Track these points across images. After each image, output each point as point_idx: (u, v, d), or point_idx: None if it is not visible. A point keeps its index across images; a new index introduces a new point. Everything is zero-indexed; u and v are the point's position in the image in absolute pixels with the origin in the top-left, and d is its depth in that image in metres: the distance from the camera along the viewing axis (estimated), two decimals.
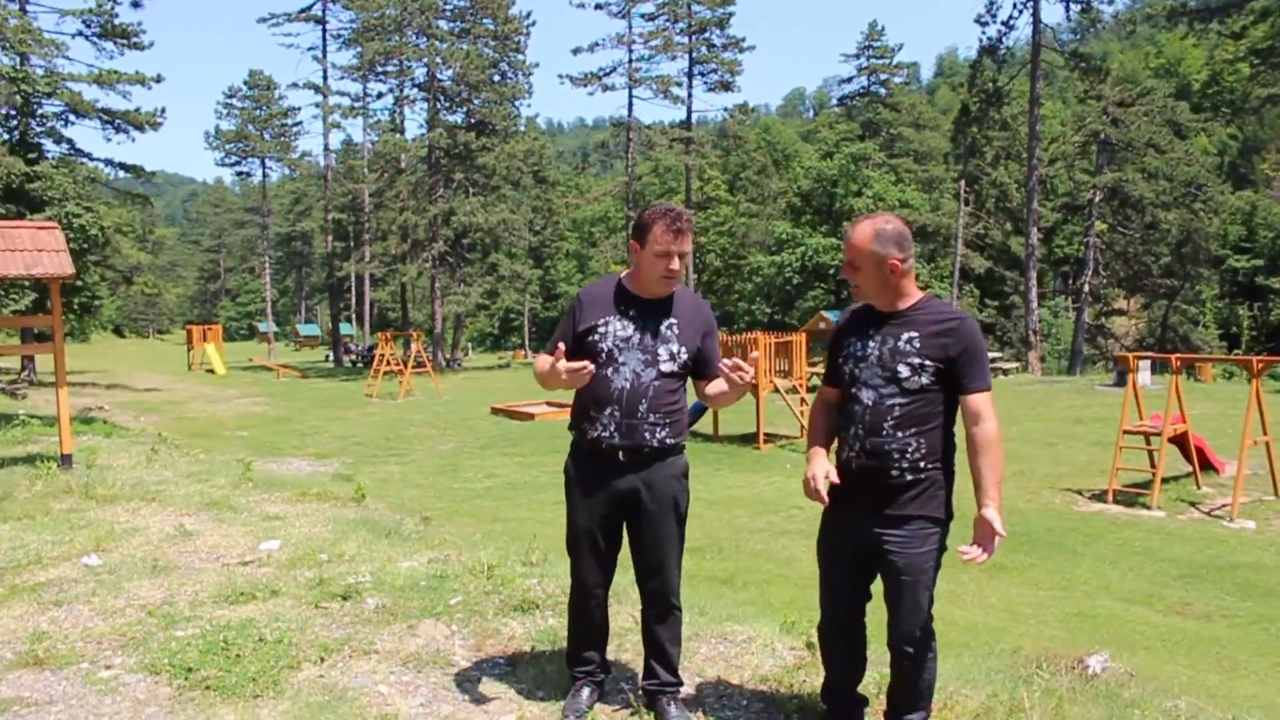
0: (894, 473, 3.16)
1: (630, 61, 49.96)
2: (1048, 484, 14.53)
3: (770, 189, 67.65)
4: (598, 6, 49.46)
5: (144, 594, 5.24)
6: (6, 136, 29.82)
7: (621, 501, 3.48)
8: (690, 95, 51.15)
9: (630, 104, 50.30)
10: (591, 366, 3.33)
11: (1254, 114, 47.11)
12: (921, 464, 3.16)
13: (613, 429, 3.40)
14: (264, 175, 65.26)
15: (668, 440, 3.47)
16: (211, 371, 43.26)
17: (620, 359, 3.41)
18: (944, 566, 3.28)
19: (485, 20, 45.53)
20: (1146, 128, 43.48)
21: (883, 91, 64.68)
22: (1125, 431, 13.59)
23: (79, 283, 30.40)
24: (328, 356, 57.83)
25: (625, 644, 4.36)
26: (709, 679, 4.00)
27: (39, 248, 8.45)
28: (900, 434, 3.15)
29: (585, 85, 49.93)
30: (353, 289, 68.67)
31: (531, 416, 23.09)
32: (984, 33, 39.91)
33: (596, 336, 3.43)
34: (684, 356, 3.48)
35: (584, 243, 75.31)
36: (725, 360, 3.38)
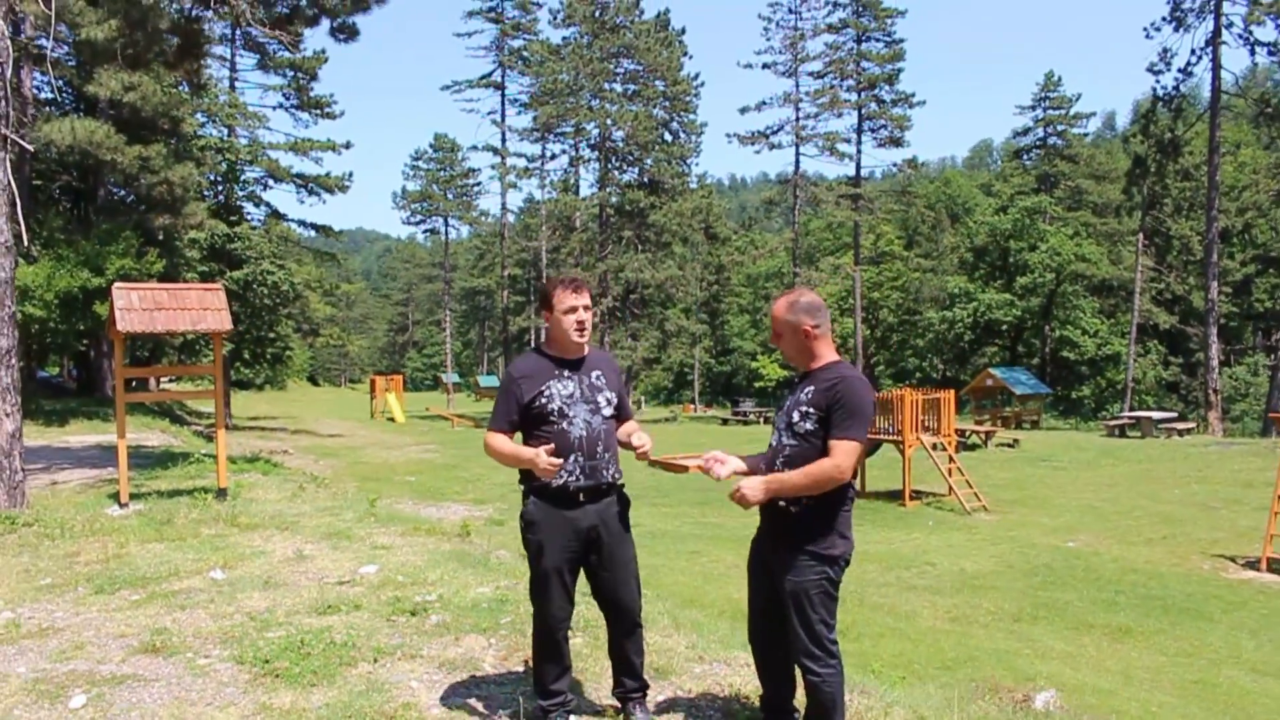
0: (781, 502, 3.57)
1: (797, 119, 50.47)
2: (1199, 549, 13.97)
3: (943, 243, 66.48)
4: (765, 66, 50.33)
5: (251, 603, 6.06)
6: (213, 201, 32.80)
7: (584, 537, 3.91)
8: (859, 151, 51.23)
9: (797, 161, 50.76)
10: (558, 463, 3.78)
11: None
12: (804, 499, 3.53)
13: (578, 473, 3.86)
14: (446, 233, 68.92)
15: (617, 476, 4.00)
16: (392, 420, 45.58)
17: (570, 413, 3.87)
18: (1066, 628, 3.53)
19: (656, 82, 47.06)
20: None
21: (1059, 143, 62.90)
22: None
23: (272, 334, 33.05)
24: None
25: (593, 656, 4.85)
26: (688, 693, 4.39)
27: (204, 306, 9.65)
28: (786, 471, 3.57)
29: (752, 143, 50.74)
30: (531, 342, 71.22)
31: (685, 469, 23.39)
32: (1158, 81, 38.54)
33: (544, 400, 3.88)
34: (615, 401, 4.01)
35: (757, 297, 75.35)
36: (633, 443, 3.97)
